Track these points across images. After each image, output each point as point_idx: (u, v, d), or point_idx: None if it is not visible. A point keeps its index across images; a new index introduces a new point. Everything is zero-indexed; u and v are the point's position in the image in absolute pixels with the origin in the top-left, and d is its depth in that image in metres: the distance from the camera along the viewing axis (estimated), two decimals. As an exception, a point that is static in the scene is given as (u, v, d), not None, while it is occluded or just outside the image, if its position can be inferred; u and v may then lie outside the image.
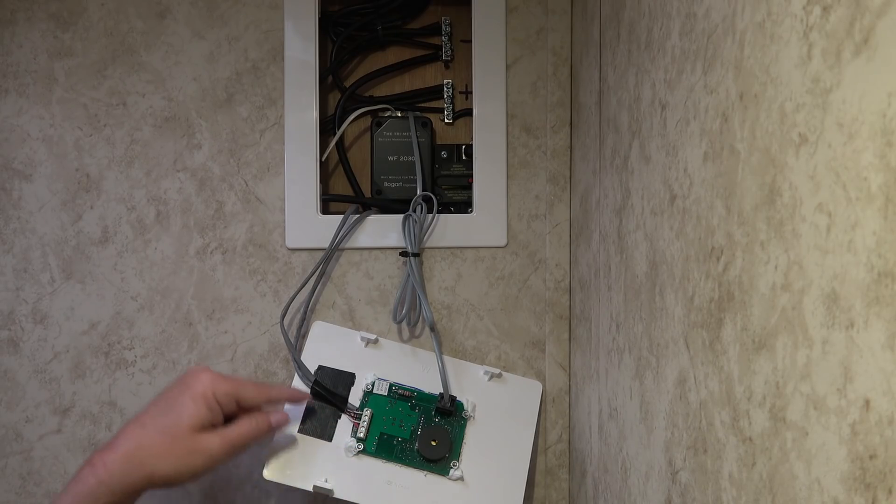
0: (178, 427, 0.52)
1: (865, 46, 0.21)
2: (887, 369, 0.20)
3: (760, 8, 0.28)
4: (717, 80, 0.33)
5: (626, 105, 0.48)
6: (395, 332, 0.68)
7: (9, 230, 0.66)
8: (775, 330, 0.27)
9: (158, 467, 0.51)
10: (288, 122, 0.67)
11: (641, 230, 0.44)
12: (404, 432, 0.63)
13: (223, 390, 0.54)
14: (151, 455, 0.51)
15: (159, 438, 0.51)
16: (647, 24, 0.43)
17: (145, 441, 0.51)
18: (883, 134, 0.20)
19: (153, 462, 0.51)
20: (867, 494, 0.21)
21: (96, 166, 0.66)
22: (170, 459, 0.51)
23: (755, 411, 0.28)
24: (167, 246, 0.67)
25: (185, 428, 0.52)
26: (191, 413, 0.52)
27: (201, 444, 0.52)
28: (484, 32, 0.67)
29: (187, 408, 0.52)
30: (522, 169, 0.68)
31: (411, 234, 0.65)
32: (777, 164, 0.27)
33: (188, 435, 0.52)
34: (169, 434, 0.51)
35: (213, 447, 0.52)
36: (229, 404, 0.55)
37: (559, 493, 0.68)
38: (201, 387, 0.53)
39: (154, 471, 0.51)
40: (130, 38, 0.67)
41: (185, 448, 0.51)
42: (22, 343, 0.66)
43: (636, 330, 0.45)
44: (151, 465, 0.51)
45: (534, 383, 0.66)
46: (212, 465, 0.52)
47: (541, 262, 0.68)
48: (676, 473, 0.38)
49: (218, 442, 0.53)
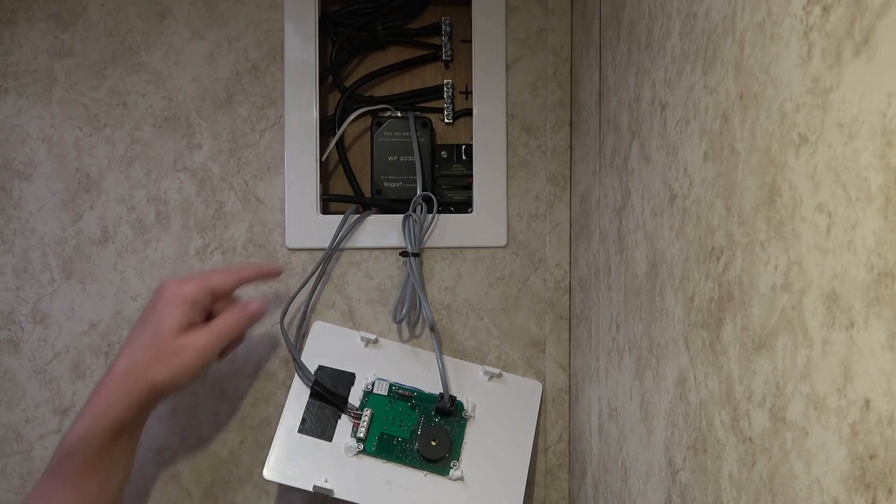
0: (161, 334, 0.54)
1: (865, 46, 0.21)
2: (887, 369, 0.20)
3: (760, 8, 0.28)
4: (717, 80, 0.33)
5: (626, 105, 0.48)
6: (395, 332, 0.68)
7: (9, 230, 0.66)
8: (775, 330, 0.27)
9: (156, 376, 0.53)
10: (288, 122, 0.67)
11: (641, 230, 0.44)
12: (404, 432, 0.63)
13: (192, 288, 0.56)
14: (145, 367, 0.53)
15: (148, 350, 0.53)
16: (647, 24, 0.43)
17: (137, 356, 0.54)
18: (883, 134, 0.20)
19: (149, 373, 0.53)
20: (867, 494, 0.21)
21: (96, 166, 0.66)
22: (163, 366, 0.53)
23: (755, 411, 0.28)
24: (167, 246, 0.67)
25: (167, 333, 0.53)
26: (169, 318, 0.54)
27: (186, 342, 0.54)
28: (484, 32, 0.67)
29: (164, 315, 0.54)
30: (522, 169, 0.68)
31: (411, 234, 0.65)
32: (777, 164, 0.27)
33: (172, 338, 0.54)
34: (155, 343, 0.53)
35: (199, 342, 0.54)
36: (204, 299, 0.56)
37: (559, 493, 0.68)
38: (170, 292, 0.55)
39: (153, 380, 0.53)
40: (130, 38, 0.67)
41: (171, 351, 0.53)
42: (22, 343, 0.66)
43: (636, 330, 0.45)
44: (149, 376, 0.53)
45: (534, 383, 0.66)
46: (203, 361, 0.54)
47: (541, 262, 0.68)
48: (676, 473, 0.38)
49: (203, 338, 0.55)
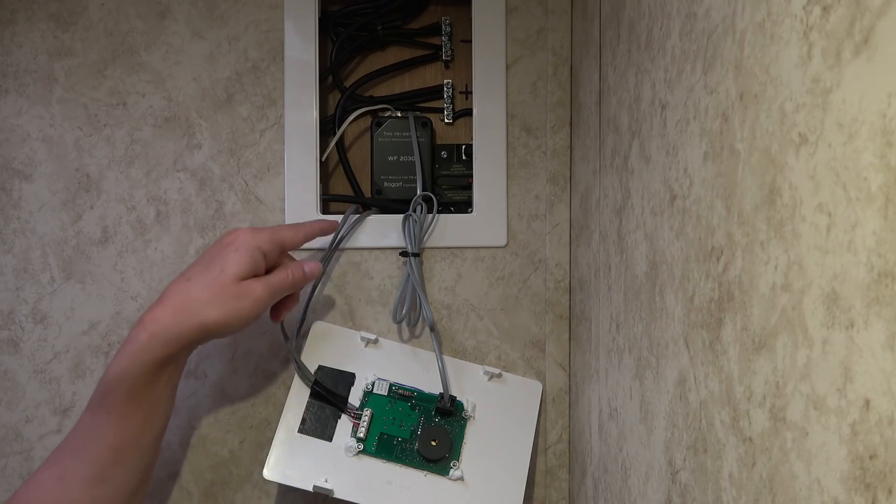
0: (224, 276, 0.53)
1: (865, 46, 0.21)
2: (887, 369, 0.20)
3: (760, 8, 0.28)
4: (717, 80, 0.33)
5: (626, 105, 0.48)
6: (395, 332, 0.68)
7: (9, 230, 0.66)
8: (775, 330, 0.27)
9: (209, 315, 0.52)
10: (288, 122, 0.67)
11: (641, 230, 0.44)
12: (404, 432, 0.63)
13: (263, 238, 0.56)
14: (200, 303, 0.52)
15: (206, 289, 0.53)
16: (647, 24, 0.43)
17: (193, 292, 0.53)
18: (883, 134, 0.20)
19: (203, 310, 0.52)
20: (867, 494, 0.21)
21: (96, 166, 0.66)
22: (218, 306, 0.53)
23: (755, 411, 0.28)
24: (167, 246, 0.67)
25: (230, 277, 0.53)
26: (235, 263, 0.54)
27: (246, 288, 0.54)
28: (484, 32, 0.67)
29: (231, 259, 0.54)
30: (522, 169, 0.68)
31: (411, 234, 0.65)
32: (777, 164, 0.27)
33: (233, 283, 0.53)
34: (216, 284, 0.53)
35: (257, 291, 0.54)
36: (272, 251, 0.57)
37: (559, 493, 0.68)
38: (242, 240, 0.55)
39: (205, 318, 0.52)
40: (130, 38, 0.67)
41: (231, 294, 0.53)
42: (22, 343, 0.66)
43: (636, 330, 0.45)
44: (202, 313, 0.52)
45: (534, 383, 0.66)
46: (257, 310, 0.55)
47: (541, 262, 0.68)
48: (676, 473, 0.38)
49: (261, 287, 0.55)
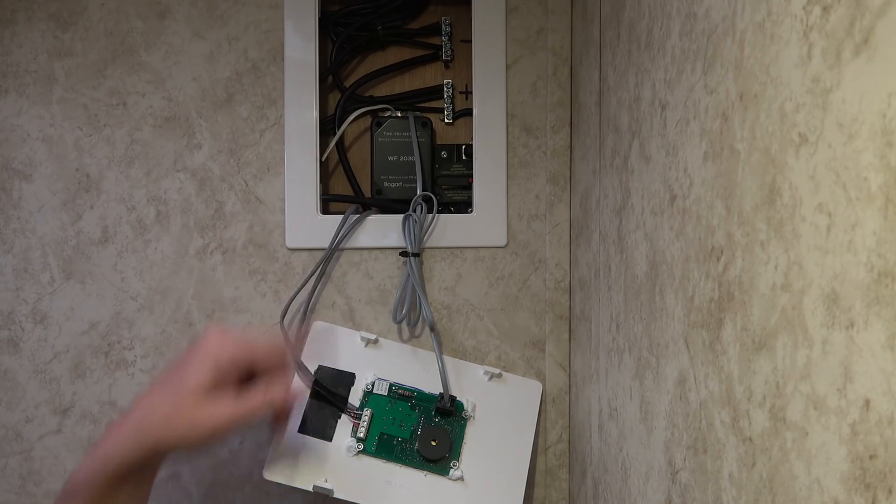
0: (182, 392, 0.49)
1: (865, 46, 0.21)
2: (887, 369, 0.20)
3: (760, 8, 0.28)
4: (717, 80, 0.33)
5: (626, 105, 0.48)
6: (395, 332, 0.68)
7: (9, 230, 0.66)
8: (775, 330, 0.27)
9: (163, 435, 0.48)
10: (288, 122, 0.67)
11: (641, 230, 0.44)
12: (404, 432, 0.63)
13: (230, 354, 0.51)
14: (155, 421, 0.48)
15: (164, 405, 0.49)
16: (647, 24, 0.43)
17: (154, 407, 0.49)
18: (883, 134, 0.20)
19: (157, 428, 0.48)
20: (867, 494, 0.21)
21: (96, 166, 0.66)
22: (174, 426, 0.48)
23: (755, 411, 0.28)
24: (167, 246, 0.67)
25: (188, 393, 0.49)
26: (195, 377, 0.49)
27: (206, 410, 0.49)
28: (484, 32, 0.67)
29: (192, 372, 0.49)
30: (522, 169, 0.68)
31: (411, 234, 0.65)
32: (777, 164, 0.27)
33: (192, 401, 0.49)
34: (174, 399, 0.49)
35: (218, 413, 0.49)
36: (241, 367, 0.51)
37: (559, 493, 0.68)
38: (206, 350, 0.50)
39: (159, 438, 0.48)
40: (130, 38, 0.67)
41: (189, 413, 0.48)
42: (22, 343, 0.66)
43: (636, 330, 0.45)
44: (156, 433, 0.48)
45: (534, 383, 0.66)
46: (220, 433, 0.49)
47: (541, 262, 0.68)
48: (676, 473, 0.38)
49: (226, 410, 0.49)
